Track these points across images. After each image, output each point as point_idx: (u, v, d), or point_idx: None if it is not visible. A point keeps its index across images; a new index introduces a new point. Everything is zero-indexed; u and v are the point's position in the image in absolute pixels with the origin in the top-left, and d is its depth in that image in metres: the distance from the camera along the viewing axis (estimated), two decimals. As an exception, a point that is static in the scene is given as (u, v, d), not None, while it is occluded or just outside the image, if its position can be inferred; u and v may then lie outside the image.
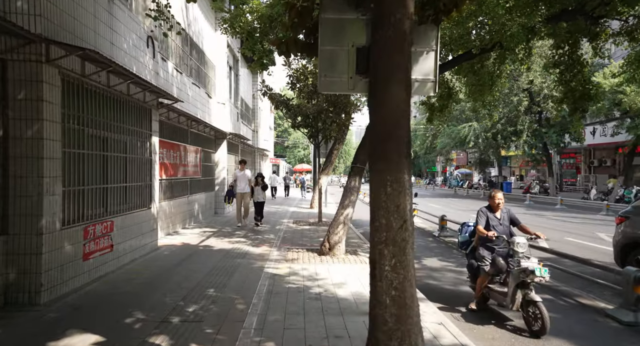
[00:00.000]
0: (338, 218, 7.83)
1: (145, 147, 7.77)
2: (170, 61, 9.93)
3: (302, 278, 6.16)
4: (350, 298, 5.19)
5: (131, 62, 6.88)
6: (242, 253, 8.05)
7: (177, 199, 10.88)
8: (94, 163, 5.90)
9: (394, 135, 2.13)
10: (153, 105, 7.99)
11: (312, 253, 8.04)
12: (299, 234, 10.63)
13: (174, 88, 10.04)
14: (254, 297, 5.14)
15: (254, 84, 25.06)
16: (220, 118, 14.75)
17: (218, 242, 9.23)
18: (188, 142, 11.90)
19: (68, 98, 5.22)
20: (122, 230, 6.69)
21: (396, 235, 2.13)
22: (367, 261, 7.66)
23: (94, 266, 5.79)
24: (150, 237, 7.93)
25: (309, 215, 15.61)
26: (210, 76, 14.28)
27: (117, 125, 6.59)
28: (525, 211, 19.26)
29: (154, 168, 8.10)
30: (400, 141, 2.16)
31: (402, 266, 2.13)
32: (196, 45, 12.60)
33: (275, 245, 8.93)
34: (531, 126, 26.18)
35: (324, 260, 7.44)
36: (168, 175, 10.08)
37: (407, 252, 2.16)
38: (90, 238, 5.68)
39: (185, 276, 6.13)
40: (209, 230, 11.03)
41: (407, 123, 2.16)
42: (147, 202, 7.85)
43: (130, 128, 7.07)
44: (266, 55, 8.29)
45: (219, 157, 15.50)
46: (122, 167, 6.80)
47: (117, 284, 5.65)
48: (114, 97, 6.44)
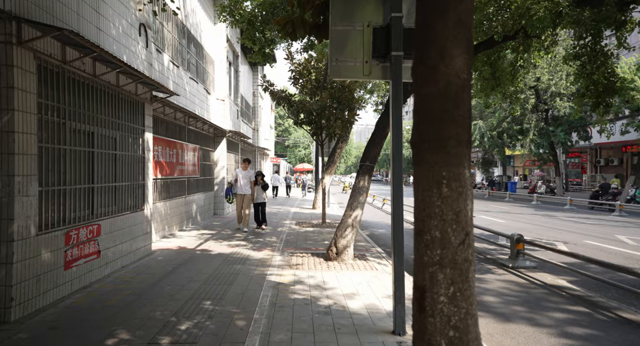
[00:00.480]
0: (346, 221, 7.24)
1: (138, 143, 7.18)
2: (165, 53, 9.34)
3: (309, 287, 5.57)
4: (364, 313, 4.60)
5: (120, 50, 6.29)
6: (242, 258, 7.46)
7: (174, 200, 10.30)
8: (78, 160, 5.31)
9: (453, 115, 1.54)
10: (146, 99, 7.40)
11: (318, 258, 7.45)
12: (303, 237, 10.04)
13: (169, 82, 9.46)
14: (256, 311, 4.55)
15: (254, 82, 24.47)
16: (219, 115, 14.16)
17: (217, 246, 8.64)
18: (185, 140, 11.31)
19: (46, 87, 4.63)
20: (110, 234, 6.10)
21: (456, 253, 1.55)
22: (378, 267, 7.10)
23: (78, 275, 5.20)
24: (143, 240, 7.35)
25: (311, 216, 15.02)
26: (209, 71, 13.69)
27: (106, 119, 6.00)
28: (534, 212, 18.66)
29: (147, 167, 7.51)
30: (461, 123, 1.57)
31: (464, 297, 1.55)
32: (194, 38, 12.01)
33: (277, 249, 8.34)
34: (538, 124, 25.57)
35: (331, 266, 6.85)
36: (164, 174, 9.50)
37: (469, 277, 1.58)
38: (73, 244, 5.09)
39: (180, 286, 5.54)
40: (207, 233, 10.44)
41: (468, 99, 1.59)
42: (140, 203, 7.26)
43: (121, 122, 6.48)
44: (268, 45, 7.71)
45: (219, 156, 14.91)
46: (111, 164, 6.21)
47: (102, 295, 5.06)
48: (101, 88, 5.85)
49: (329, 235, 10.44)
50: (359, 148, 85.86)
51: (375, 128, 7.55)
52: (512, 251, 7.46)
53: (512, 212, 18.35)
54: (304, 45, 10.90)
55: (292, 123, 72.00)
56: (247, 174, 10.98)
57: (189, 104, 10.94)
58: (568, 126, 25.55)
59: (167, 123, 9.93)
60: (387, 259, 7.58)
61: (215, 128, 14.12)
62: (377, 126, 7.53)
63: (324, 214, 12.66)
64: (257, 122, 24.84)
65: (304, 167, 45.74)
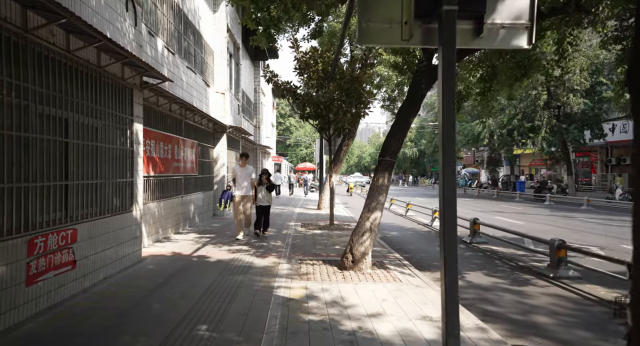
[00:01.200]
0: (363, 224, 6.33)
1: (125, 135, 6.27)
2: (159, 37, 8.43)
3: (325, 304, 4.66)
4: (398, 341, 3.67)
5: (103, 24, 5.37)
6: (244, 266, 6.55)
7: (169, 200, 9.38)
8: (47, 152, 4.39)
9: None
10: (135, 85, 6.49)
11: (331, 267, 6.53)
12: (310, 240, 9.13)
13: (164, 70, 8.55)
14: (263, 340, 3.64)
15: (255, 78, 23.57)
16: (219, 109, 13.25)
17: (216, 251, 7.73)
18: (182, 135, 10.40)
19: (0, 60, 3.72)
20: (90, 241, 5.18)
21: None
22: (401, 278, 6.14)
23: (45, 291, 4.29)
24: (132, 246, 6.43)
25: (317, 217, 14.10)
26: (209, 62, 12.78)
27: (84, 105, 5.08)
28: (551, 212, 17.74)
29: (137, 162, 6.60)
30: None
31: None
32: (192, 25, 11.10)
33: (284, 255, 7.42)
34: (550, 122, 24.62)
35: (347, 277, 5.93)
36: (157, 172, 8.58)
37: None
38: (40, 254, 4.18)
39: (171, 303, 4.63)
40: (205, 236, 9.53)
41: None
42: (127, 204, 6.35)
43: (104, 110, 5.56)
44: (274, 24, 6.79)
45: (218, 153, 14.00)
46: (91, 158, 5.30)
47: (74, 317, 4.15)
48: (78, 67, 4.94)
49: (338, 238, 9.53)
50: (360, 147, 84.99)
51: (397, 118, 6.64)
52: (553, 259, 6.54)
53: (528, 213, 17.42)
54: (311, 32, 9.99)
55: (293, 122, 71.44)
56: (245, 171, 9.40)
57: (186, 96, 10.02)
58: (582, 123, 24.61)
59: (161, 115, 9.01)
60: (409, 267, 6.66)
61: (214, 123, 13.21)
62: (399, 115, 6.62)
63: (331, 215, 11.75)
64: (258, 119, 23.92)
65: (306, 166, 44.86)
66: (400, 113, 6.62)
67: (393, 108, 19.55)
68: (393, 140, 6.54)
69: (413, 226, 13.24)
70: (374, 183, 6.48)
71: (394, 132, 6.58)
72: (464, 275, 6.75)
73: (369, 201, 6.42)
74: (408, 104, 6.61)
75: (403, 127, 6.57)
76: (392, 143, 6.53)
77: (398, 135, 6.55)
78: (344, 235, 9.97)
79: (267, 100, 29.22)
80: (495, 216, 15.62)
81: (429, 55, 6.51)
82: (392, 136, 6.56)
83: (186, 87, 10.23)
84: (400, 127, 6.55)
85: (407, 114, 6.62)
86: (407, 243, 9.83)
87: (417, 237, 10.99)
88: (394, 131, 6.57)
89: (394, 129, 6.61)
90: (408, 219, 15.13)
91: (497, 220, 13.84)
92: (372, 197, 6.41)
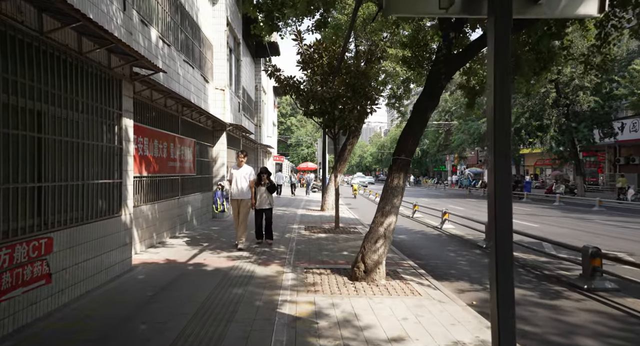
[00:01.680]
0: (377, 230, 5.70)
1: (113, 131, 5.65)
2: (153, 27, 7.82)
3: (336, 324, 4.04)
4: (430, 376, 3.05)
5: (85, 5, 4.75)
6: (244, 276, 5.93)
7: (164, 202, 8.76)
8: (15, 148, 3.78)
9: None
10: (124, 76, 5.87)
11: (341, 277, 5.91)
12: (316, 245, 8.50)
13: (158, 62, 7.93)
14: (267, 375, 3.02)
15: (256, 75, 22.96)
16: (218, 106, 12.63)
17: (214, 258, 7.11)
18: (179, 132, 9.77)
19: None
20: (69, 250, 4.57)
21: None
22: (420, 291, 5.43)
23: (11, 312, 3.66)
24: (120, 254, 5.81)
25: (321, 219, 13.48)
26: (207, 57, 12.16)
27: (62, 96, 4.47)
28: (563, 214, 17.09)
29: (126, 161, 5.98)
30: None
31: None
32: (189, 17, 10.48)
33: (288, 263, 6.80)
34: (559, 120, 23.94)
35: (359, 289, 5.30)
36: (151, 172, 7.96)
37: None
38: (3, 269, 3.56)
39: (160, 325, 4.00)
40: (203, 240, 8.91)
41: None
42: (115, 207, 5.73)
43: (86, 102, 4.95)
44: (277, 9, 6.18)
45: (218, 152, 13.38)
46: (71, 157, 4.68)
47: (42, 344, 3.52)
48: (54, 52, 4.32)
49: (345, 243, 8.91)
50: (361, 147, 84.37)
51: (413, 112, 6.01)
52: (586, 268, 5.91)
53: (540, 215, 16.78)
54: (316, 22, 9.37)
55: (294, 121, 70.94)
56: (244, 172, 8.09)
57: (182, 91, 9.41)
58: (592, 122, 23.94)
59: (156, 111, 8.39)
60: (427, 278, 6.03)
61: (214, 121, 12.59)
62: (416, 110, 5.99)
63: (337, 218, 11.12)
64: (259, 118, 23.30)
65: (308, 166, 44.25)
66: (417, 108, 5.99)
67: (399, 106, 18.91)
68: (408, 137, 5.92)
69: (422, 229, 12.61)
70: (388, 185, 5.85)
71: (410, 128, 5.95)
72: (486, 286, 6.12)
73: (382, 204, 5.80)
74: (425, 97, 5.98)
75: (420, 122, 5.94)
76: (407, 141, 5.90)
77: (414, 131, 5.92)
78: (350, 239, 9.35)
79: (268, 99, 28.62)
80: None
81: (448, 42, 5.88)
82: (407, 132, 5.94)
83: (183, 81, 9.61)
84: (417, 122, 5.92)
85: (425, 108, 5.99)
86: (418, 248, 9.20)
87: (427, 241, 10.36)
88: (410, 127, 5.94)
89: (409, 125, 5.98)
90: (415, 221, 14.51)
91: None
92: (386, 200, 5.79)
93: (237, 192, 8.03)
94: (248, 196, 8.09)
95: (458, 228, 12.03)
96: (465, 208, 18.98)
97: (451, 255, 8.45)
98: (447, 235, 11.31)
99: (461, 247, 9.51)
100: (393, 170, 5.85)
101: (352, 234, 10.24)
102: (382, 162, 72.21)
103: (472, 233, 11.02)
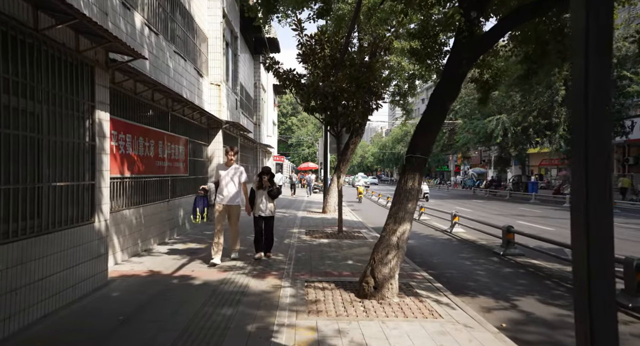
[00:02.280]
0: (388, 239, 4.93)
1: (83, 125, 4.89)
2: (137, 11, 7.06)
3: (345, 360, 3.27)
4: None
5: (43, -26, 3.98)
6: (236, 291, 5.16)
7: (151, 205, 8.00)
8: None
9: None
10: (97, 62, 5.10)
11: (347, 293, 5.14)
12: (318, 253, 7.73)
13: (144, 51, 7.18)
14: None
15: (255, 72, 22.21)
16: (214, 102, 11.88)
17: (204, 268, 6.35)
18: (169, 130, 9.00)
19: None
20: (24, 266, 3.80)
21: None
22: (440, 311, 4.36)
23: None
24: (93, 267, 5.04)
25: (323, 222, 12.71)
26: (202, 50, 11.41)
27: (13, 81, 3.71)
28: (576, 216, 16.26)
29: (101, 160, 5.22)
30: None
31: None
32: (181, 5, 9.73)
33: (286, 274, 6.03)
34: (568, 118, 23.16)
35: (369, 310, 4.53)
36: (135, 172, 7.20)
37: None
38: None
39: (125, 360, 3.24)
40: (194, 247, 8.15)
41: None
42: (87, 213, 4.96)
43: (47, 90, 4.19)
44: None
45: (213, 151, 12.63)
46: (31, 155, 3.92)
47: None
48: (1, 27, 3.56)
49: (349, 250, 8.14)
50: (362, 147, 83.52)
51: (429, 105, 5.23)
52: (630, 283, 5.12)
53: (552, 217, 16.01)
54: (317, 10, 8.62)
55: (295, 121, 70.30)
56: (233, 172, 6.81)
57: (173, 84, 8.66)
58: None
59: (141, 105, 7.62)
60: (445, 293, 5.26)
61: (209, 118, 11.83)
62: (432, 102, 5.21)
63: (340, 222, 10.36)
64: (259, 117, 22.54)
65: (309, 166, 43.49)
66: (434, 100, 5.22)
67: (404, 103, 18.14)
68: (424, 133, 5.15)
69: (431, 232, 11.84)
70: (401, 187, 5.08)
71: (424, 124, 5.18)
72: (514, 302, 5.35)
73: (395, 209, 5.03)
74: (444, 87, 5.21)
75: (437, 115, 5.17)
76: (424, 137, 5.14)
77: (431, 126, 5.16)
78: (355, 246, 8.58)
79: (268, 97, 27.86)
80: (517, 220, 14.20)
81: (470, 23, 5.11)
82: (423, 129, 5.17)
83: (173, 74, 8.86)
84: (434, 115, 5.15)
85: (443, 100, 5.22)
86: (429, 255, 8.43)
87: (438, 247, 9.59)
88: (426, 121, 5.17)
89: (424, 120, 5.21)
90: (423, 224, 13.74)
91: (521, 225, 12.43)
92: (399, 204, 5.02)
93: (225, 196, 6.77)
94: (236, 201, 6.85)
95: (469, 232, 11.26)
96: (473, 210, 18.20)
97: (467, 264, 7.68)
98: (458, 240, 10.54)
99: (476, 253, 8.73)
100: (407, 170, 5.08)
101: (357, 239, 9.47)
102: (384, 162, 71.36)
103: (485, 238, 10.26)
